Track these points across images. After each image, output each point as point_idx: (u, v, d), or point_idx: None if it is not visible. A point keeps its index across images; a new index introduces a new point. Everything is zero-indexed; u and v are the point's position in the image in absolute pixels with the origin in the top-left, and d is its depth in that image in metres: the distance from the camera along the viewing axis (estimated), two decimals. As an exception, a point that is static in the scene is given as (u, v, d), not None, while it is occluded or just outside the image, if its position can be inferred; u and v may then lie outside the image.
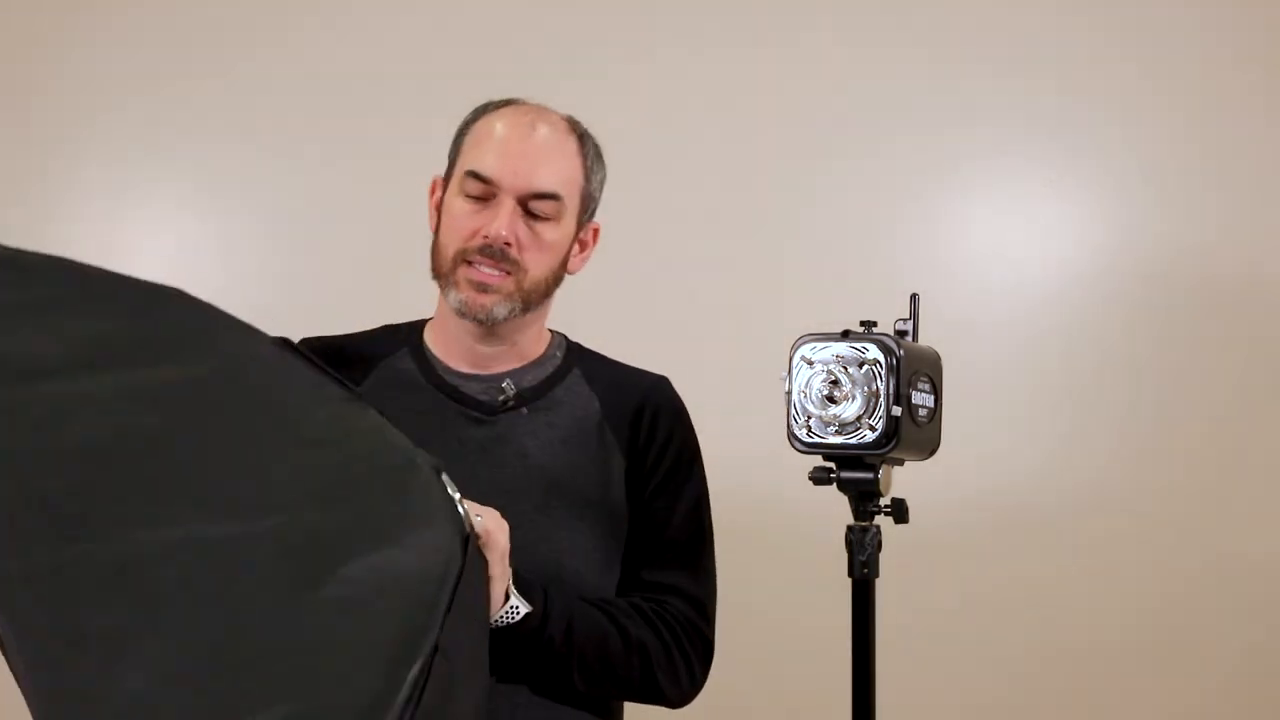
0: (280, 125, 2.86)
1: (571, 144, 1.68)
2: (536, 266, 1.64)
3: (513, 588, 1.47)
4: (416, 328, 1.75)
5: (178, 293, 1.30)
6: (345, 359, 1.70)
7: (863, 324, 1.50)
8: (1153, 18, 2.58)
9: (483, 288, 1.61)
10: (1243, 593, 2.49)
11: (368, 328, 1.78)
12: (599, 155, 1.71)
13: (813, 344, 1.48)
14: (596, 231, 1.74)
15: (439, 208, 1.70)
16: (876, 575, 1.51)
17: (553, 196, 1.64)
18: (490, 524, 1.38)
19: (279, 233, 2.87)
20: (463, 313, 1.63)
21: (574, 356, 1.74)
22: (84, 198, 2.92)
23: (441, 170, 1.72)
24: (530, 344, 1.70)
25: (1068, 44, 2.60)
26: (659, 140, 2.70)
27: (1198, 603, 2.50)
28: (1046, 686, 2.54)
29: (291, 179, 2.86)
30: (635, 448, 1.67)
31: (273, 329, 1.39)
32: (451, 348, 1.69)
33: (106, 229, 2.90)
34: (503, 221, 1.60)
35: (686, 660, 1.63)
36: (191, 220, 2.90)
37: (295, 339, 1.75)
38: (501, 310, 1.62)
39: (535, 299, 1.66)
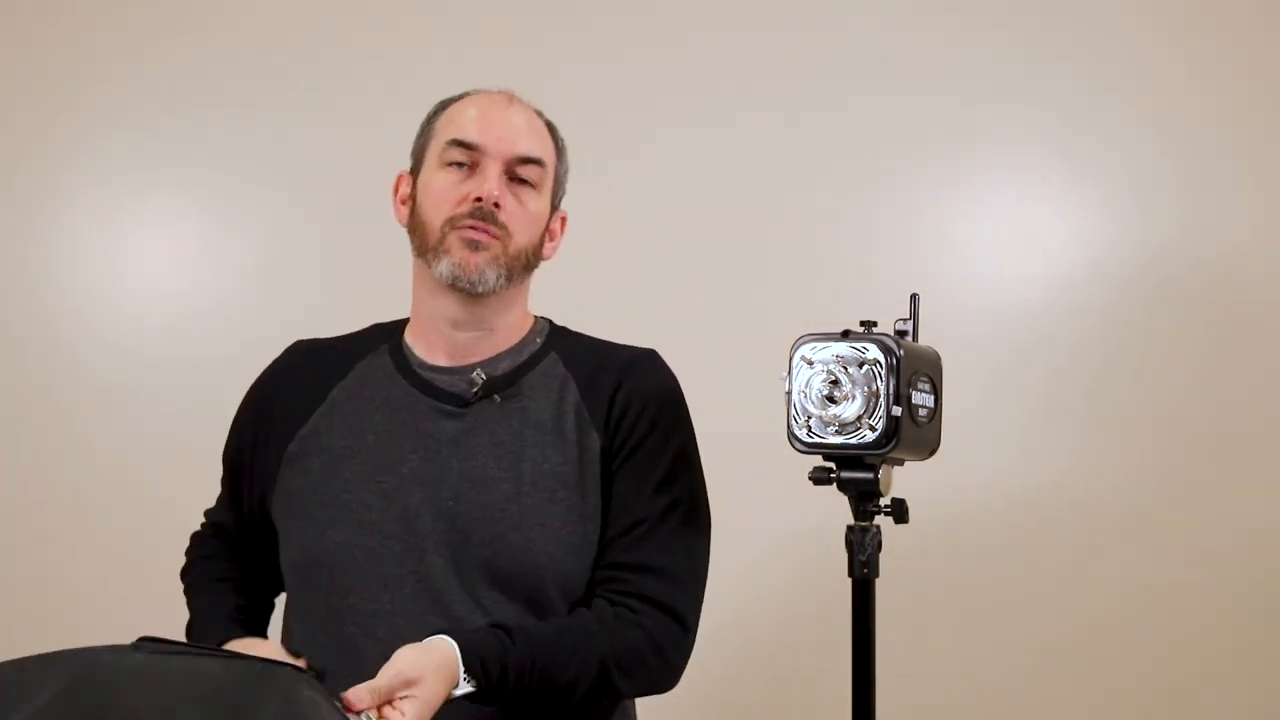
0: (276, 128, 2.87)
1: (540, 121, 1.72)
2: (521, 234, 1.65)
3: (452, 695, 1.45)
4: (400, 326, 1.76)
5: None
6: (330, 359, 1.74)
7: (863, 324, 1.49)
8: (1152, 21, 2.58)
9: (474, 245, 1.62)
10: (1244, 591, 2.49)
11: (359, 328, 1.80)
12: (563, 141, 1.74)
13: (813, 344, 1.48)
14: (564, 221, 1.76)
15: (405, 200, 1.72)
16: (876, 575, 1.51)
17: (537, 161, 1.67)
18: None
19: (277, 236, 2.87)
20: (455, 277, 1.62)
21: (555, 340, 1.73)
22: (84, 202, 2.92)
23: (405, 167, 1.74)
24: (508, 331, 1.70)
25: (1067, 45, 2.60)
26: (659, 140, 2.70)
27: (1198, 601, 2.50)
28: (1047, 686, 2.54)
29: (287, 181, 2.86)
30: (609, 423, 1.65)
31: (272, 331, 1.39)
32: (430, 340, 1.70)
33: (105, 234, 2.90)
34: (493, 183, 1.63)
35: (658, 652, 1.59)
36: (190, 228, 2.91)
37: (290, 341, 1.78)
38: (491, 274, 1.63)
39: (518, 269, 1.66)
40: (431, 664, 1.43)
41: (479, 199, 1.62)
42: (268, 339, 1.84)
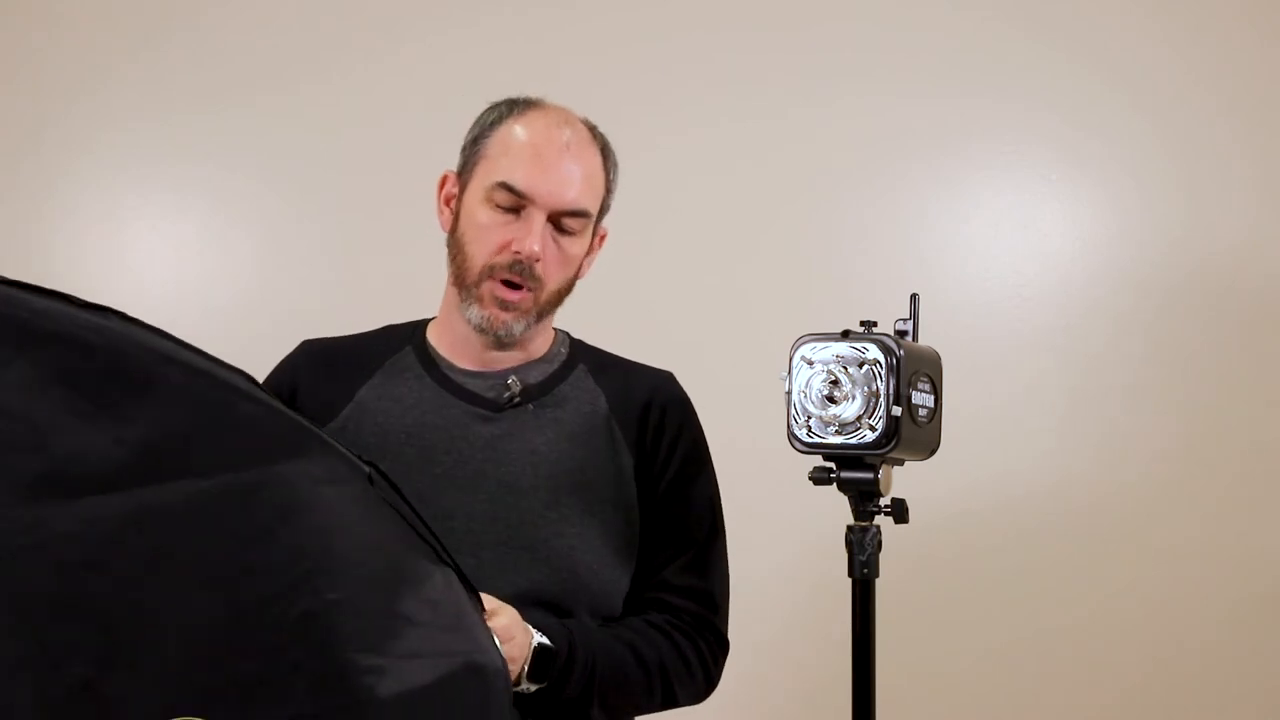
0: (277, 128, 2.87)
1: (596, 157, 1.68)
2: (554, 280, 1.65)
3: (524, 671, 1.47)
4: (419, 327, 1.75)
5: (245, 387, 1.21)
6: (349, 360, 1.71)
7: (863, 324, 1.49)
8: (1152, 20, 2.58)
9: (505, 305, 1.62)
10: (1244, 591, 2.49)
11: (369, 329, 1.79)
12: (615, 162, 1.72)
13: (813, 344, 1.48)
14: (603, 237, 1.75)
15: (450, 203, 1.69)
16: (876, 575, 1.51)
17: (584, 214, 1.65)
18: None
19: (277, 236, 2.87)
20: (483, 329, 1.64)
21: (578, 353, 1.74)
22: (84, 202, 2.92)
23: (449, 165, 1.71)
24: (536, 342, 1.71)
25: (1067, 43, 2.60)
26: (660, 140, 2.70)
27: (1198, 601, 2.50)
28: (1047, 686, 2.54)
29: (287, 181, 2.86)
30: (644, 445, 1.68)
31: (272, 331, 1.38)
32: (458, 346, 1.69)
33: (105, 234, 2.91)
34: (535, 237, 1.60)
35: (705, 667, 1.66)
36: (190, 228, 2.91)
37: (291, 339, 1.77)
38: (519, 327, 1.64)
39: (549, 310, 1.67)
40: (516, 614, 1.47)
41: (518, 252, 1.60)
42: (268, 339, 1.84)
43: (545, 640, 1.49)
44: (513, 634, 1.43)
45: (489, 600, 1.41)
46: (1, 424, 1.13)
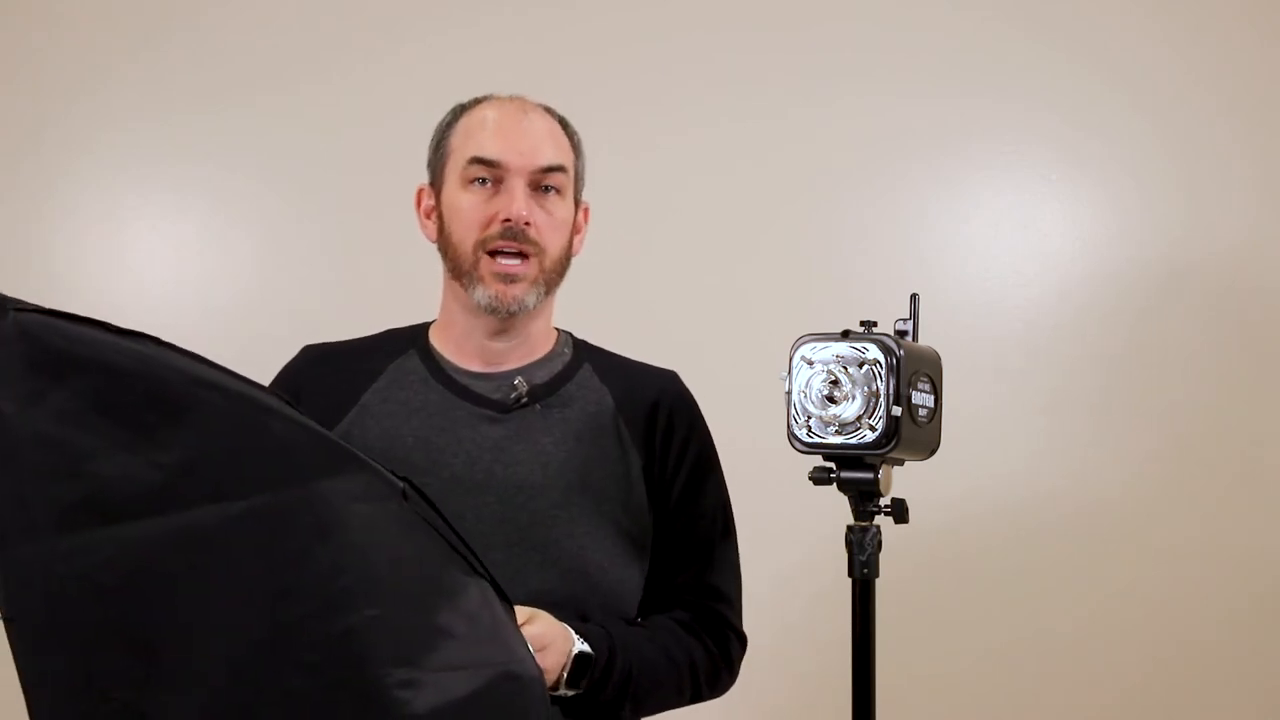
0: (277, 128, 2.87)
1: (556, 124, 1.70)
2: (553, 245, 1.65)
3: (563, 678, 1.48)
4: (420, 330, 1.74)
5: (278, 407, 1.21)
6: (352, 364, 1.71)
7: (863, 324, 1.49)
8: (1152, 19, 2.58)
9: (509, 279, 1.62)
10: (1244, 591, 2.49)
11: (369, 331, 1.78)
12: (579, 136, 1.73)
13: (813, 344, 1.48)
14: (587, 211, 1.75)
15: (430, 214, 1.70)
16: (876, 575, 1.51)
17: (560, 168, 1.65)
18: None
19: (277, 236, 2.87)
20: (494, 308, 1.63)
21: (583, 352, 1.74)
22: (84, 202, 2.92)
23: (424, 180, 1.72)
24: (540, 339, 1.71)
25: (1067, 43, 2.60)
26: (660, 140, 2.70)
27: (1198, 601, 2.50)
28: (1047, 686, 2.54)
29: (287, 181, 2.86)
30: (652, 445, 1.68)
31: (272, 331, 1.38)
32: (462, 347, 1.69)
33: (105, 234, 2.91)
34: (520, 201, 1.61)
35: (729, 663, 1.70)
36: (190, 228, 2.90)
37: (292, 340, 1.77)
38: (531, 298, 1.63)
39: (555, 279, 1.67)
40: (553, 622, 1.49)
41: (508, 220, 1.61)
42: (268, 339, 1.84)
43: (586, 648, 1.50)
44: (548, 641, 1.44)
45: (525, 609, 1.42)
46: (40, 452, 1.14)
